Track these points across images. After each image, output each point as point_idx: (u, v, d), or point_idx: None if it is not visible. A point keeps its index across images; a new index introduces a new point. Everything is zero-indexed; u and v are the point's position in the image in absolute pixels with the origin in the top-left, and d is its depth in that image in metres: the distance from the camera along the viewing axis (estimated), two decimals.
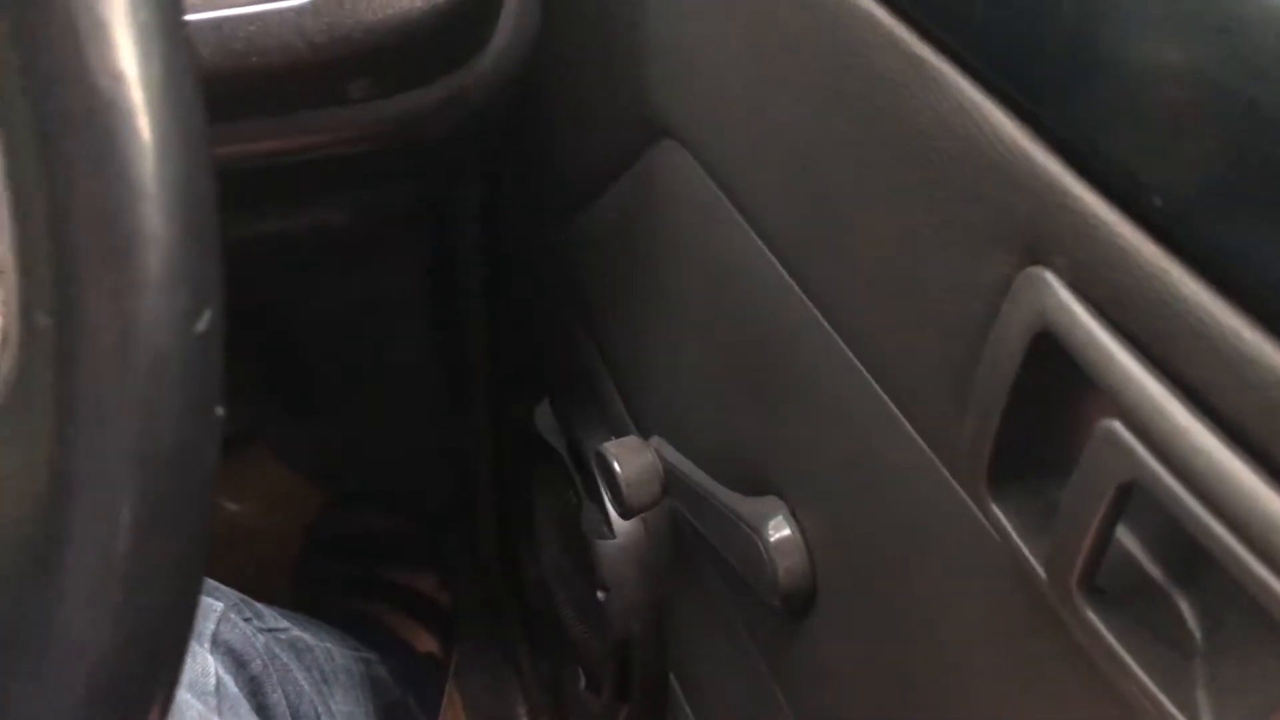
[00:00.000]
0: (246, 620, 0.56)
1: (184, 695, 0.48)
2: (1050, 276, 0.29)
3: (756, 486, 0.50)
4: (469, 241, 0.80)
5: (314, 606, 0.90)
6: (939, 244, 0.33)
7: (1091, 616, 0.29)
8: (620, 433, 0.64)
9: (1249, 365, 0.24)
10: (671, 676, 0.69)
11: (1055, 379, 0.29)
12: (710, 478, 0.53)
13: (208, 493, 0.21)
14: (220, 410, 0.20)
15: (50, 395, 0.19)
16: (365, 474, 1.05)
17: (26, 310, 0.19)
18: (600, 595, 0.67)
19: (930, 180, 0.32)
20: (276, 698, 0.53)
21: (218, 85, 0.43)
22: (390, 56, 0.45)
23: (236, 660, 0.52)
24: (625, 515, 0.57)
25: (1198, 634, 0.29)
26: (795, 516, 0.48)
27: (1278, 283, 0.23)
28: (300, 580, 1.03)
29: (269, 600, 0.73)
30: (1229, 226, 0.24)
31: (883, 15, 0.33)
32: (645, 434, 0.60)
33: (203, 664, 0.50)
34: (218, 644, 0.52)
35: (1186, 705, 0.28)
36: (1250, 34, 0.23)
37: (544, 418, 0.73)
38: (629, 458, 0.56)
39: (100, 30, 0.18)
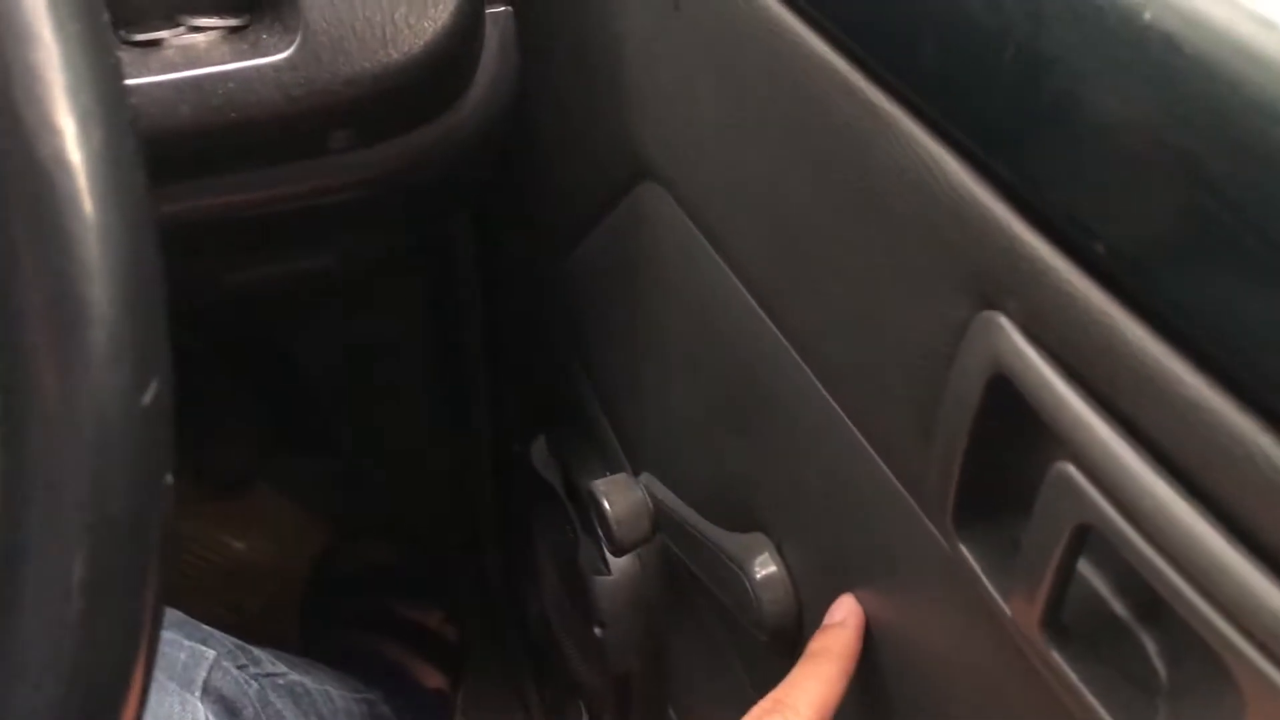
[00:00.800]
0: (240, 667, 0.56)
1: None
2: (1004, 320, 0.29)
3: (743, 523, 0.50)
4: (465, 281, 0.81)
5: (320, 642, 0.90)
6: (900, 286, 0.33)
7: (1055, 655, 0.30)
8: (614, 469, 0.65)
9: (1190, 409, 0.24)
10: (670, 710, 0.69)
11: (1012, 420, 0.29)
12: (698, 514, 0.54)
13: (160, 559, 0.21)
14: (169, 479, 0.21)
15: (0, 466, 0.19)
16: (370, 510, 1.05)
17: None
18: (598, 631, 0.67)
19: (889, 224, 0.33)
20: None
21: (200, 141, 0.44)
22: (369, 108, 0.45)
23: (228, 708, 0.53)
24: (616, 552, 0.58)
25: (1162, 672, 0.29)
26: (780, 552, 0.48)
27: (1215, 329, 0.24)
28: (306, 616, 1.04)
29: (275, 637, 0.73)
30: (1169, 274, 0.24)
31: (840, 63, 0.34)
32: (637, 470, 0.61)
33: (193, 712, 0.50)
34: (209, 691, 0.53)
35: None
36: (1180, 86, 0.23)
37: (540, 454, 0.73)
38: (619, 495, 0.56)
39: (43, 117, 0.19)
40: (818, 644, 0.42)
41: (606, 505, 0.55)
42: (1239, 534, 0.24)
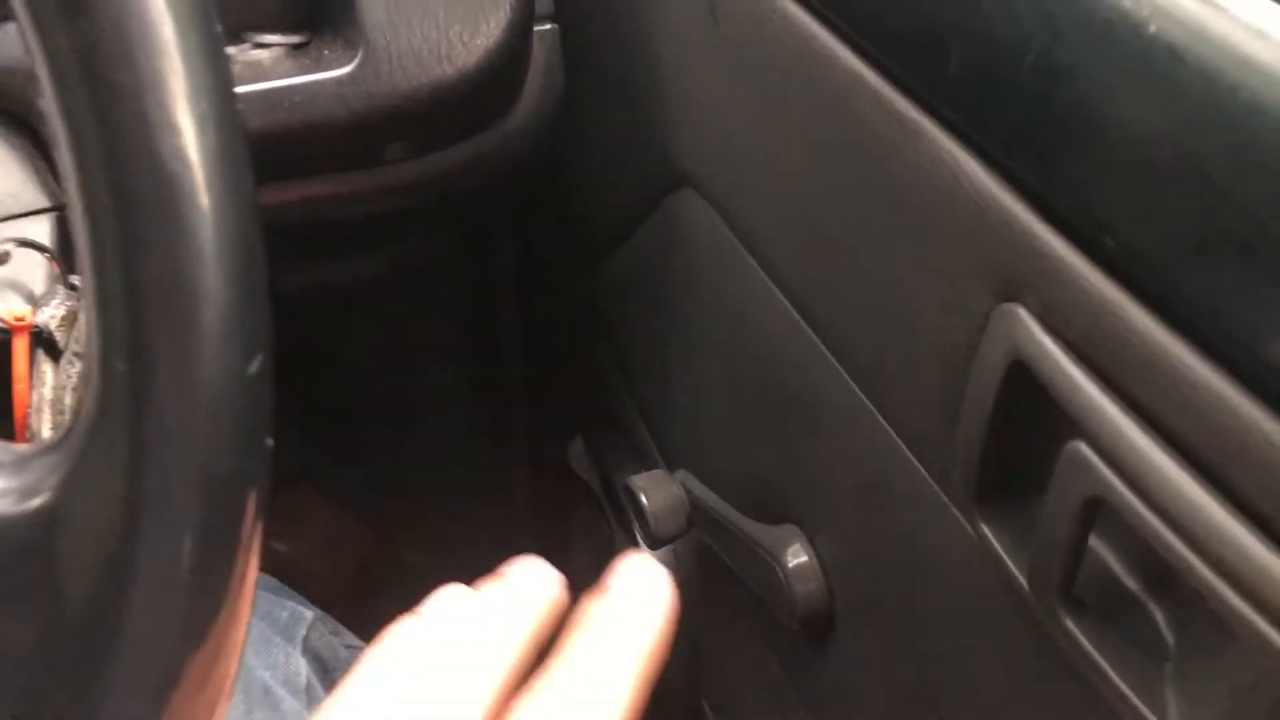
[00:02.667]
0: (331, 633, 0.59)
1: (279, 690, 0.52)
2: (1023, 312, 0.31)
3: (775, 515, 0.52)
4: (506, 286, 0.84)
5: (366, 643, 0.93)
6: (925, 283, 0.36)
7: (1070, 625, 0.32)
8: (650, 467, 0.67)
9: (1193, 390, 0.26)
10: (705, 703, 0.71)
11: (1030, 404, 0.32)
12: (732, 508, 0.56)
13: (261, 512, 0.24)
14: (270, 441, 0.23)
15: (125, 428, 0.22)
16: (410, 513, 1.08)
17: (105, 356, 0.22)
18: None
19: (915, 224, 0.35)
20: None
21: (266, 150, 0.47)
22: (424, 120, 0.48)
23: (323, 666, 0.56)
24: (653, 546, 0.60)
25: (1170, 639, 0.31)
26: (812, 543, 0.50)
27: (1216, 317, 0.26)
28: (350, 617, 1.06)
29: None
30: (1173, 267, 0.27)
31: (869, 74, 0.36)
32: (672, 468, 0.63)
33: (295, 665, 0.54)
34: (308, 648, 0.56)
35: (1157, 706, 0.30)
36: (1183, 93, 0.25)
37: (577, 454, 0.76)
38: (655, 490, 0.58)
39: (167, 120, 0.21)
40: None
41: (644, 500, 0.58)
42: (1238, 504, 0.26)
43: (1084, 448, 0.29)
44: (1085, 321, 0.29)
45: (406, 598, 1.06)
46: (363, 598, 1.07)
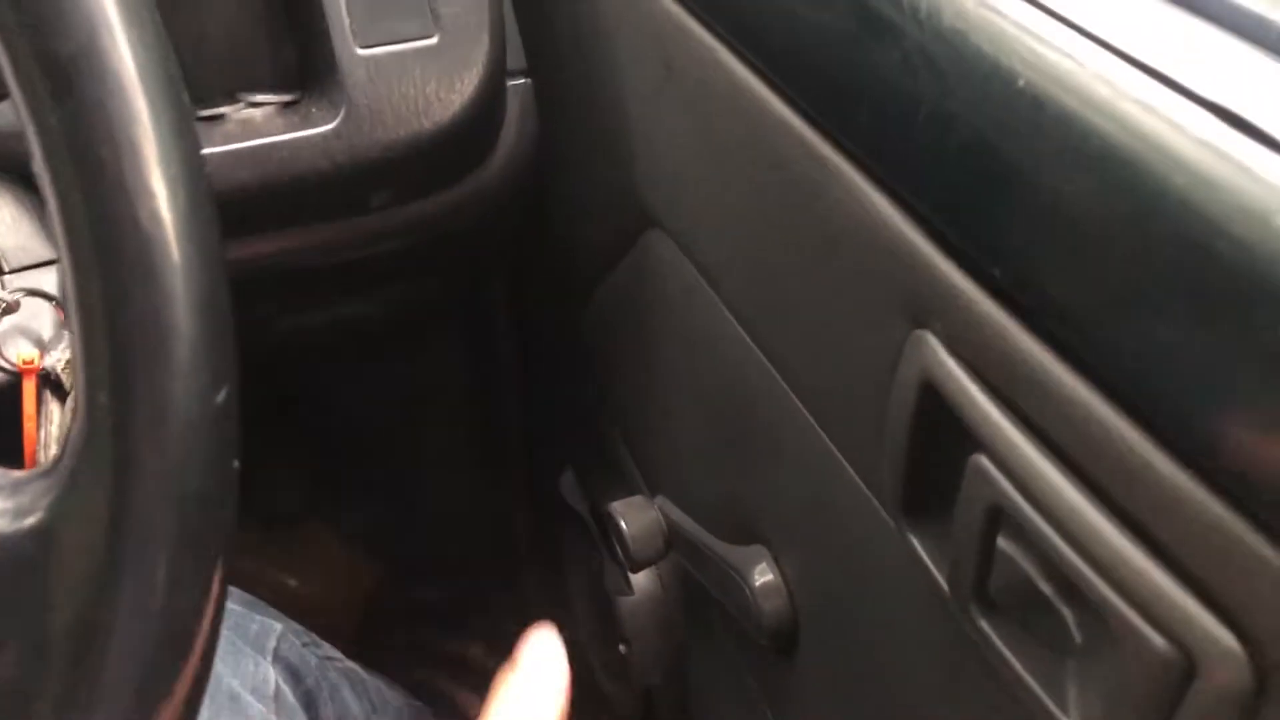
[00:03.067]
0: (304, 645, 0.62)
1: (247, 697, 0.55)
2: (930, 338, 0.34)
3: (744, 536, 0.55)
4: (501, 325, 0.87)
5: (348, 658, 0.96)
6: (851, 312, 0.39)
7: (984, 625, 0.34)
8: (634, 494, 0.70)
9: (1072, 405, 0.29)
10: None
11: (941, 422, 0.34)
12: (706, 531, 0.59)
13: (229, 527, 0.27)
14: (236, 464, 0.27)
15: (108, 454, 0.25)
16: (415, 548, 1.11)
17: (90, 391, 0.25)
18: (623, 648, 0.72)
19: (839, 258, 0.38)
20: (328, 712, 0.59)
21: (257, 202, 0.50)
22: (405, 171, 0.52)
23: (293, 674, 0.59)
24: (633, 569, 0.63)
25: (1078, 639, 0.34)
26: (777, 561, 0.53)
27: (1088, 338, 0.29)
28: (359, 652, 1.09)
29: None
30: (1048, 293, 0.30)
31: (796, 122, 0.39)
32: (654, 494, 0.66)
33: (264, 673, 0.56)
34: (278, 658, 0.59)
35: (1061, 702, 0.32)
36: (1045, 137, 0.29)
37: (568, 484, 0.79)
38: (634, 516, 0.61)
39: (142, 186, 0.25)
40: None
41: (623, 525, 0.61)
42: (1114, 509, 0.29)
43: (985, 460, 0.32)
44: (982, 345, 0.32)
45: (412, 630, 1.09)
46: (370, 630, 1.10)
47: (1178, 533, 0.27)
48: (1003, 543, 0.34)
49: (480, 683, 1.10)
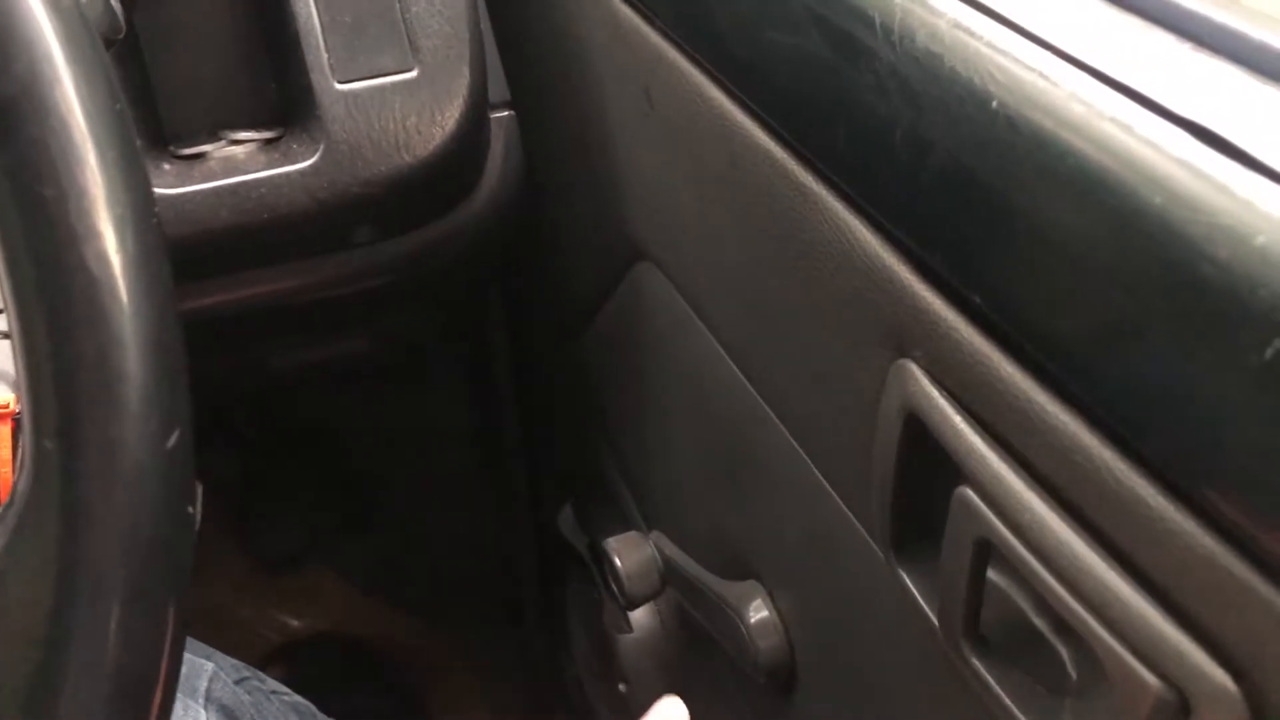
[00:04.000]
0: (238, 682, 0.61)
1: None
2: (913, 367, 0.33)
3: (739, 572, 0.54)
4: (496, 359, 0.86)
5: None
6: (835, 341, 0.38)
7: (975, 662, 0.33)
8: (631, 530, 0.69)
9: (1057, 436, 0.28)
10: None
11: (926, 453, 0.34)
12: (701, 566, 0.58)
13: (184, 575, 0.26)
14: (192, 509, 0.26)
15: (55, 501, 0.24)
16: (418, 586, 1.10)
17: (36, 437, 0.24)
18: (622, 687, 0.71)
19: (822, 287, 0.38)
20: None
21: (239, 239, 0.50)
22: (387, 206, 0.51)
23: (229, 716, 0.57)
24: (628, 605, 0.61)
25: (1072, 674, 0.33)
26: (772, 598, 0.52)
27: (1070, 365, 0.28)
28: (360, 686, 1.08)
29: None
30: (1028, 319, 0.29)
31: (776, 149, 0.39)
32: (650, 529, 0.65)
33: (194, 717, 0.55)
34: (211, 700, 0.57)
35: None
36: (1020, 158, 0.28)
37: (566, 520, 0.78)
38: (628, 551, 0.60)
39: (89, 225, 0.24)
40: None
41: (618, 561, 0.60)
42: (1099, 540, 0.28)
43: (970, 493, 0.31)
44: (964, 373, 0.31)
45: (419, 665, 1.08)
46: (371, 668, 1.09)
47: (1169, 567, 0.26)
48: (993, 576, 0.33)
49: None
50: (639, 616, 0.69)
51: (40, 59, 0.24)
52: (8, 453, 0.43)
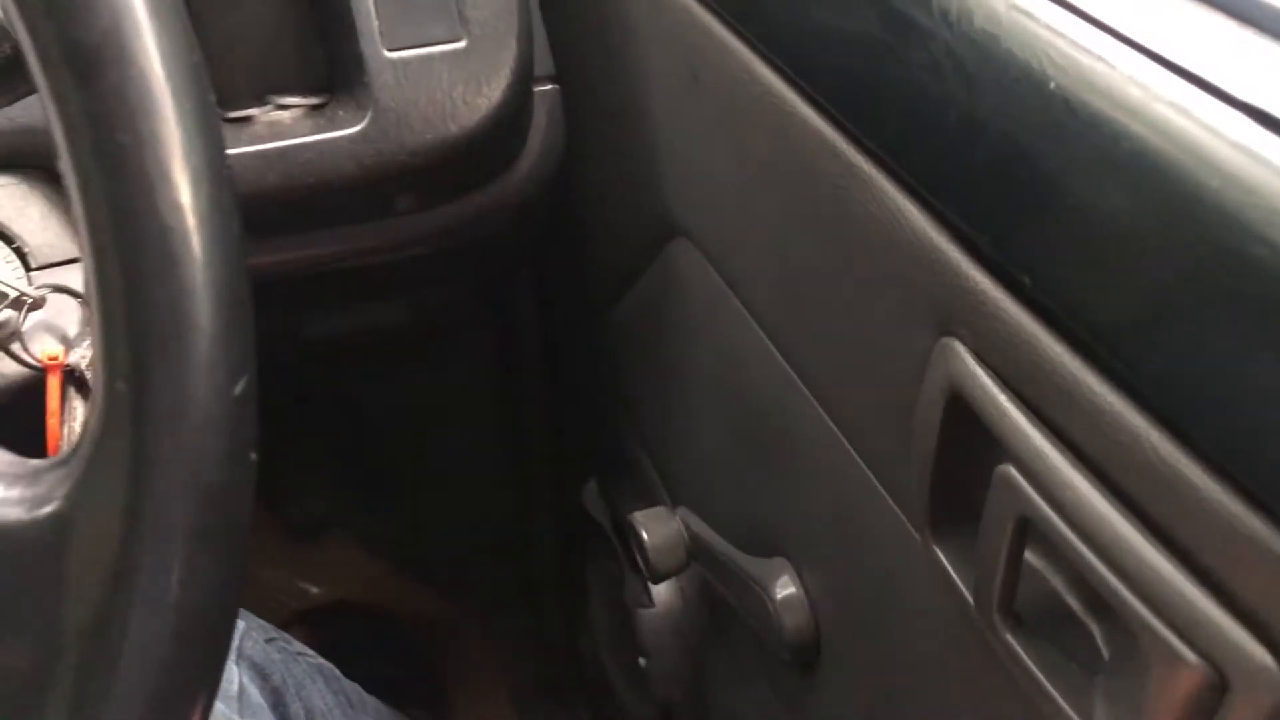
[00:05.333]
0: (269, 641, 0.62)
1: None
2: (958, 346, 0.34)
3: (766, 548, 0.55)
4: (526, 335, 0.87)
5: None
6: (878, 319, 0.38)
7: (1010, 640, 0.34)
8: (657, 505, 0.69)
9: (1102, 415, 0.29)
10: None
11: (968, 431, 0.34)
12: (727, 542, 0.58)
13: (245, 520, 0.27)
14: (254, 456, 0.26)
15: (126, 443, 0.25)
16: (438, 557, 1.11)
17: (109, 379, 0.25)
18: (642, 662, 0.71)
19: (867, 265, 0.38)
20: (297, 707, 0.59)
21: (284, 203, 0.51)
22: (431, 175, 0.52)
23: (259, 673, 0.58)
24: (654, 580, 0.62)
25: (1106, 654, 0.33)
26: (799, 575, 0.52)
27: (1118, 345, 0.28)
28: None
29: None
30: (1078, 300, 0.29)
31: (827, 129, 0.39)
32: (676, 505, 0.65)
33: (227, 672, 0.56)
34: (242, 657, 0.58)
35: (1088, 717, 0.32)
36: (1075, 142, 0.28)
37: (591, 495, 0.78)
38: (655, 526, 0.61)
39: (163, 172, 0.25)
40: None
41: (644, 535, 0.60)
42: (1142, 519, 0.28)
43: (1012, 471, 0.32)
44: (1010, 353, 0.31)
45: (436, 637, 1.09)
46: (388, 639, 1.10)
47: (1212, 545, 0.26)
48: (1030, 556, 0.34)
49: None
50: (661, 592, 0.70)
51: (123, 9, 0.24)
52: (56, 404, 0.44)
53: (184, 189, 0.25)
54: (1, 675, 0.26)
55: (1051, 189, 0.29)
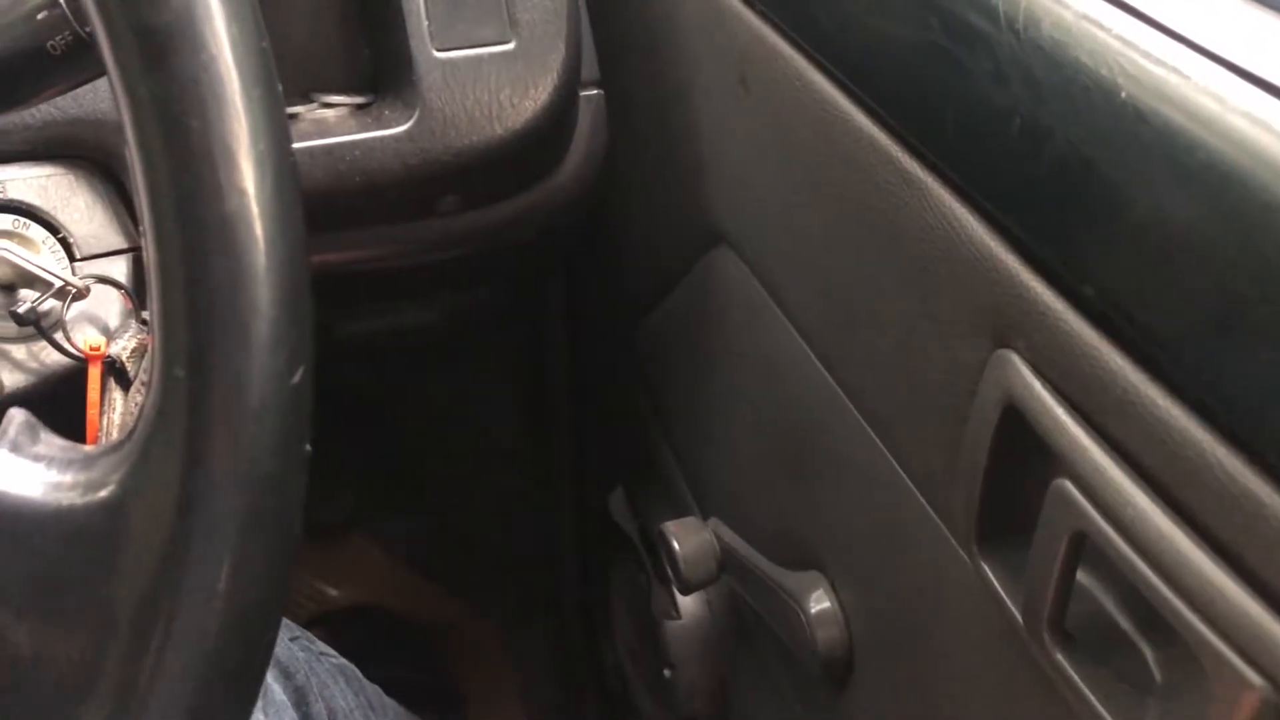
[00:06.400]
0: (293, 640, 0.61)
1: None
2: (1014, 357, 0.33)
3: (800, 561, 0.54)
4: (555, 338, 0.87)
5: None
6: (930, 330, 0.38)
7: (1060, 659, 0.33)
8: (686, 516, 0.69)
9: (1164, 429, 0.28)
10: None
11: (1022, 445, 0.33)
12: (760, 555, 0.58)
13: (298, 510, 0.26)
14: (309, 447, 0.26)
15: (182, 429, 0.25)
16: (461, 563, 1.10)
17: (166, 364, 0.25)
18: (667, 673, 0.71)
19: (920, 275, 0.37)
20: (319, 708, 0.58)
21: (327, 200, 0.50)
22: (475, 176, 0.52)
23: (283, 671, 0.58)
24: (684, 591, 0.61)
25: (1157, 675, 0.32)
26: (834, 589, 0.52)
27: (1184, 355, 0.28)
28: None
29: None
30: (1142, 313, 0.29)
31: (880, 136, 0.38)
32: (706, 516, 0.65)
33: None
34: None
35: None
36: (1148, 152, 0.28)
37: (618, 504, 0.78)
38: (687, 537, 0.60)
39: (229, 157, 0.25)
40: None
41: (676, 545, 0.60)
42: (1208, 539, 0.28)
43: (1068, 485, 0.31)
44: (1069, 365, 0.31)
45: (455, 644, 1.08)
46: (405, 644, 1.09)
47: (1277, 564, 0.26)
48: (1081, 574, 0.33)
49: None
50: (688, 604, 0.69)
51: None
52: (97, 394, 0.44)
53: (249, 175, 0.25)
54: (52, 659, 0.26)
55: (1119, 199, 0.29)
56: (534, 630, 1.08)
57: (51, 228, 0.48)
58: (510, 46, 0.51)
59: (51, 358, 0.46)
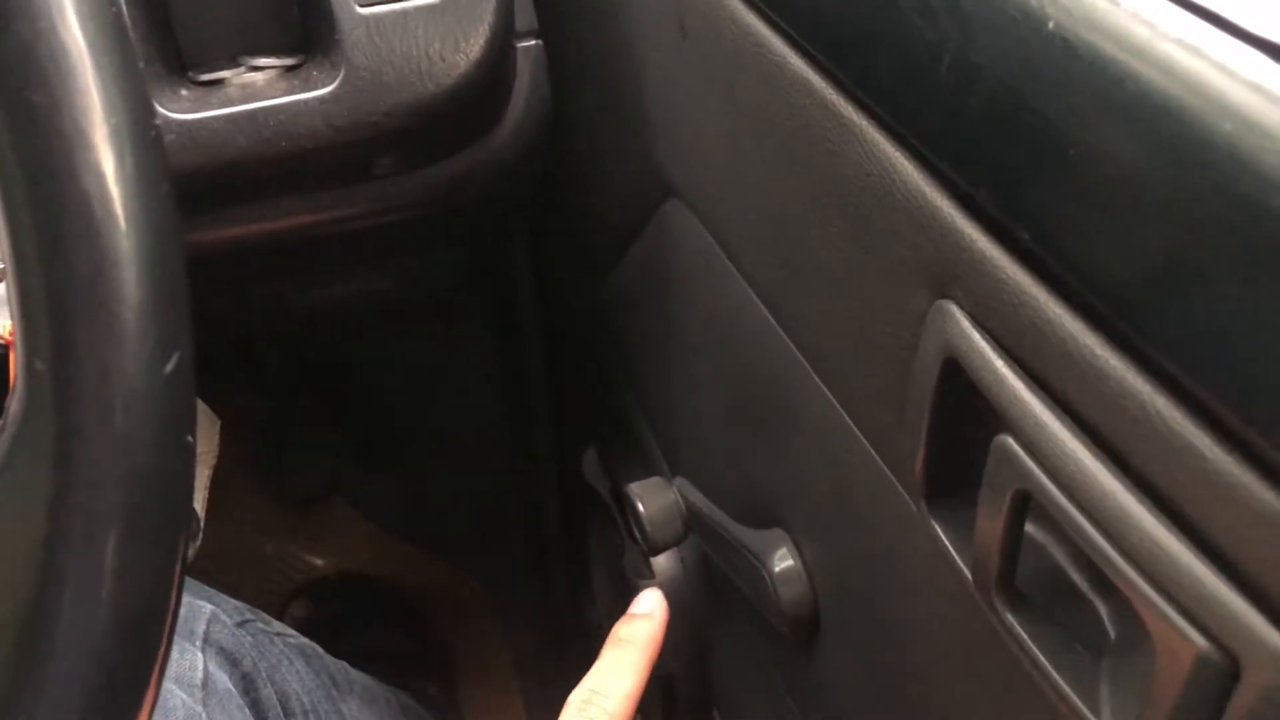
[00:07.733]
0: (240, 624, 0.59)
1: (170, 686, 0.52)
2: (954, 308, 0.32)
3: (764, 519, 0.53)
4: (525, 302, 0.85)
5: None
6: (873, 281, 0.36)
7: (1009, 618, 0.32)
8: (655, 476, 0.68)
9: (1107, 382, 0.27)
10: (715, 711, 0.71)
11: (964, 399, 0.32)
12: (725, 513, 0.56)
13: (183, 507, 0.25)
14: (190, 439, 0.25)
15: (48, 426, 0.23)
16: (441, 527, 1.09)
17: (28, 359, 0.23)
18: None
19: (860, 224, 0.36)
20: (268, 692, 0.57)
21: (255, 168, 0.49)
22: (408, 136, 0.49)
23: (228, 658, 0.56)
24: (651, 551, 0.60)
25: (1111, 633, 0.31)
26: (797, 546, 0.51)
27: (1125, 302, 0.26)
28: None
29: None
30: (1079, 256, 0.27)
31: (816, 79, 0.37)
32: (675, 475, 0.64)
33: (190, 660, 0.54)
34: (209, 643, 0.56)
35: (1091, 701, 0.30)
36: (1077, 85, 0.26)
37: (591, 465, 0.77)
38: (652, 497, 0.59)
39: (80, 134, 0.23)
40: (624, 631, 0.53)
41: (640, 506, 0.59)
42: (1147, 491, 0.26)
43: (1010, 441, 0.30)
44: (1008, 315, 0.29)
45: (442, 607, 1.08)
46: (393, 610, 1.09)
47: (1223, 522, 0.24)
48: (1031, 529, 0.32)
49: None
50: (661, 562, 0.68)
51: None
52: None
53: (105, 152, 0.23)
54: None
55: (1051, 137, 0.27)
56: (519, 590, 1.08)
57: None
58: None
59: None
